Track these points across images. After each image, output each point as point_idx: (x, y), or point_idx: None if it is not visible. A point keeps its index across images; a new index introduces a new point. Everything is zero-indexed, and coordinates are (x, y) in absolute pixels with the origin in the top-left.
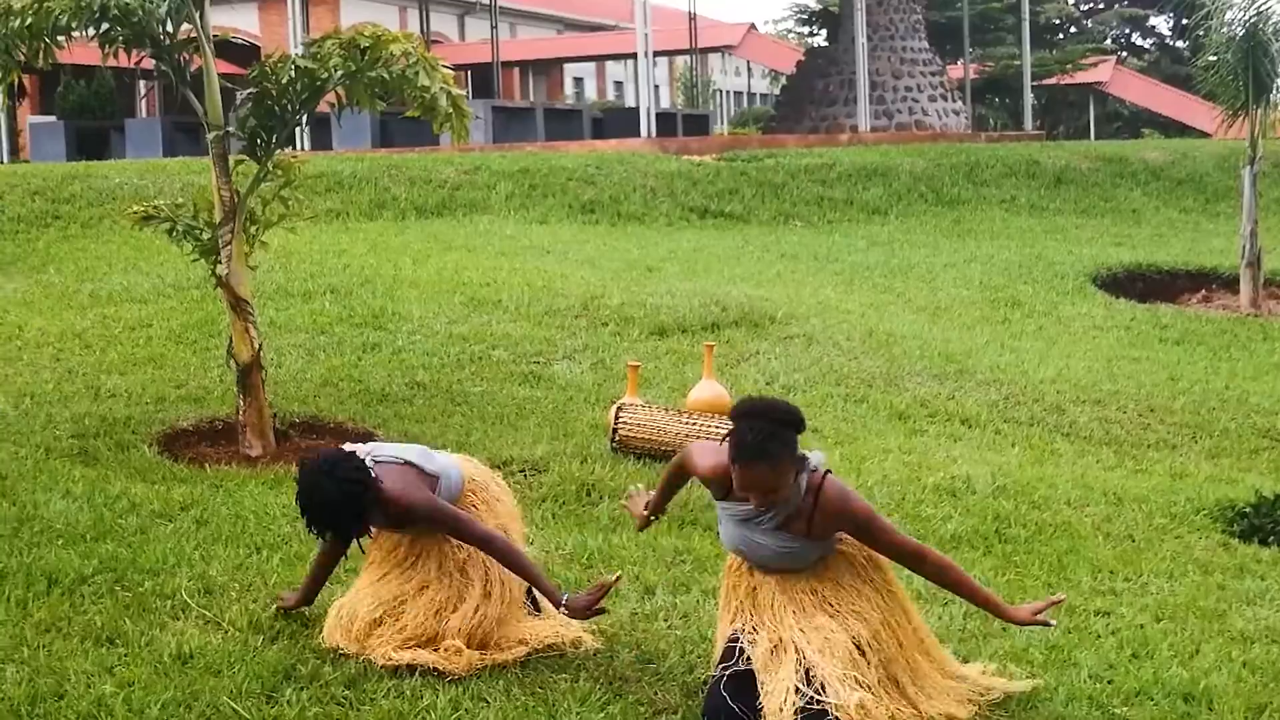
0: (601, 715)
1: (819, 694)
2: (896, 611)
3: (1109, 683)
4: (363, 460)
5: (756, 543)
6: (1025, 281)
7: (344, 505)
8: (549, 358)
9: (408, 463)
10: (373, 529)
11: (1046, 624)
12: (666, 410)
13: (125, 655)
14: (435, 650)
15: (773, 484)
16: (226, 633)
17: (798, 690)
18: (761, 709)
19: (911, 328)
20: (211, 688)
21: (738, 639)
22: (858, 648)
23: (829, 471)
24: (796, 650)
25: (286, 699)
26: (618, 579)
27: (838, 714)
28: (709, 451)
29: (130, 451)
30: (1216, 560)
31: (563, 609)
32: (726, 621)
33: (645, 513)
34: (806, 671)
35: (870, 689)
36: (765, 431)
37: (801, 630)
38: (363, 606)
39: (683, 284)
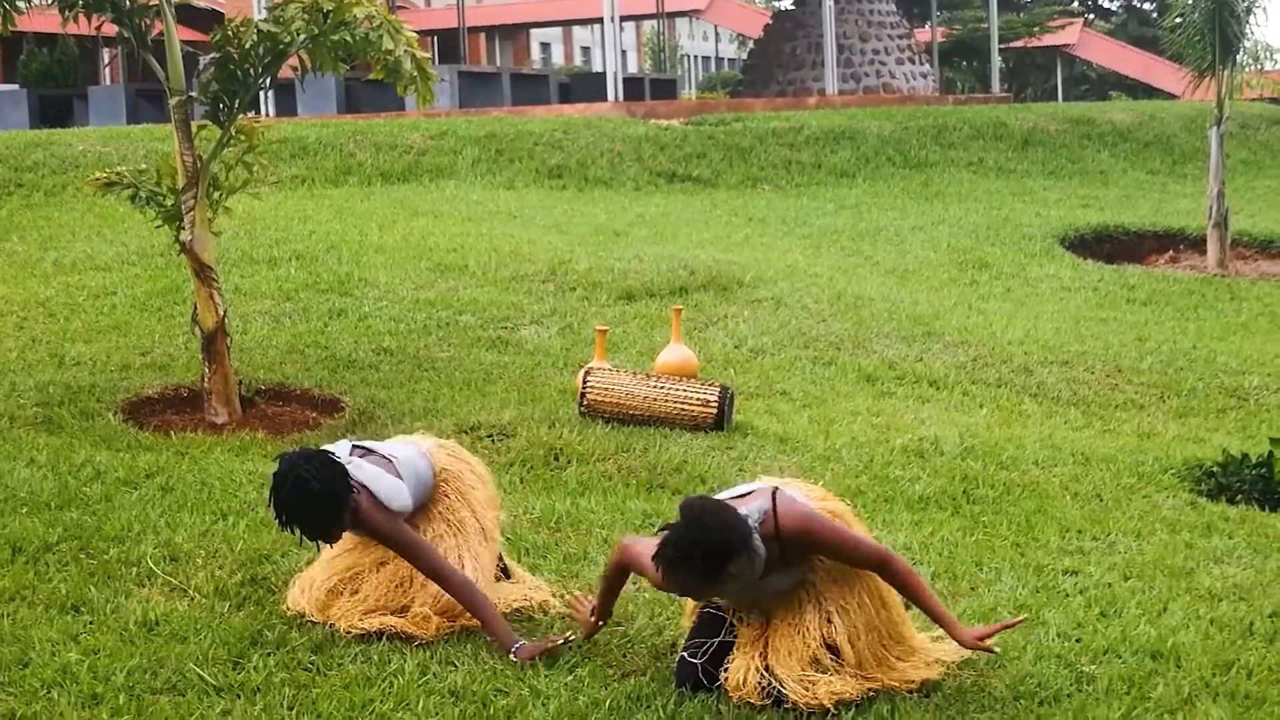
0: (570, 678)
1: (780, 686)
2: (878, 587)
3: (1077, 641)
4: (344, 468)
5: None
6: (993, 243)
7: (321, 516)
8: (516, 323)
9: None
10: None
11: (991, 650)
12: (634, 374)
13: (90, 623)
14: (403, 617)
15: (695, 595)
16: (192, 599)
17: (760, 679)
18: (722, 679)
19: (879, 290)
20: (177, 654)
21: (719, 607)
22: (832, 648)
23: (775, 498)
24: (765, 645)
25: (253, 665)
26: (565, 642)
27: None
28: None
29: (95, 419)
30: (1184, 519)
31: (512, 655)
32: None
33: (593, 620)
34: (767, 667)
35: (839, 675)
36: (698, 554)
37: (781, 623)
38: (320, 575)
39: (650, 248)
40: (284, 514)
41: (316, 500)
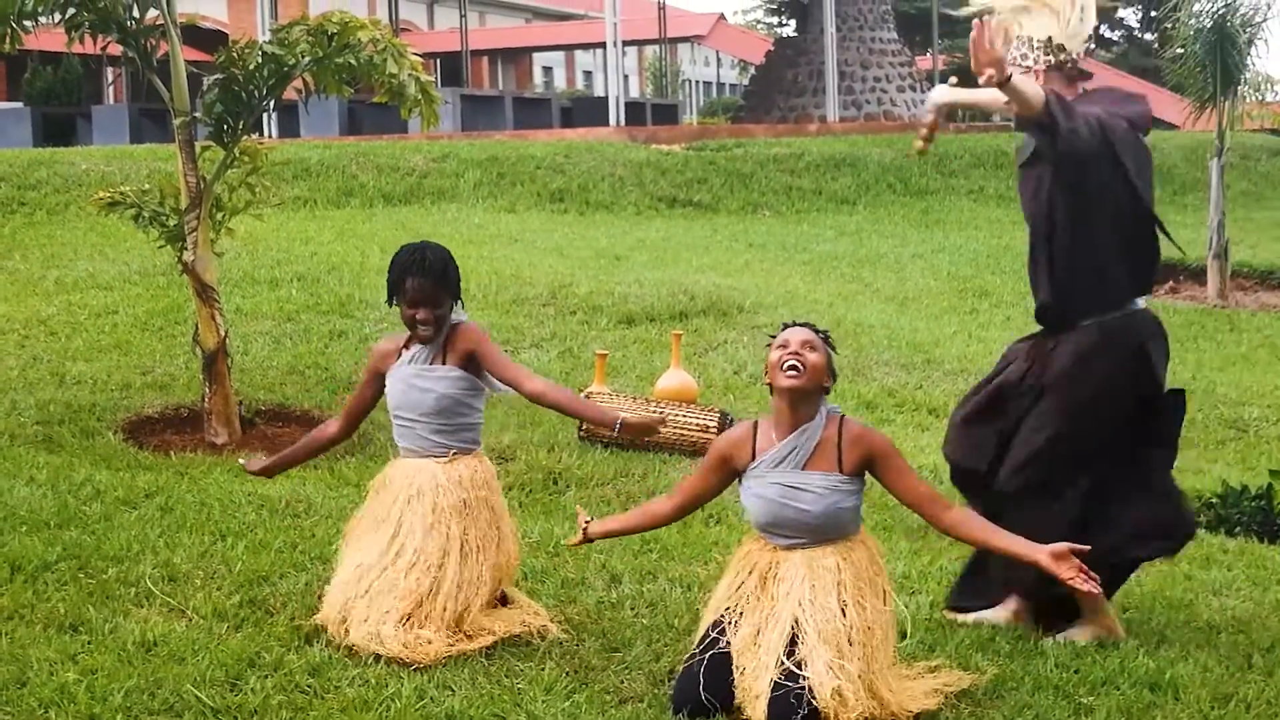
0: (567, 704)
1: (798, 669)
2: (886, 617)
3: (1076, 672)
4: None
5: (800, 492)
6: (993, 272)
7: (447, 267)
8: (517, 346)
9: None
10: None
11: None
12: (634, 399)
13: (88, 643)
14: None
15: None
16: (190, 620)
17: (779, 663)
18: (733, 697)
19: (879, 317)
20: (175, 675)
21: (721, 628)
22: (849, 641)
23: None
24: (795, 624)
25: (250, 687)
26: (661, 420)
27: (812, 697)
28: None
29: (95, 438)
30: (1183, 550)
31: (616, 431)
32: (722, 600)
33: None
34: (793, 641)
35: (850, 680)
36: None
37: (811, 607)
38: (402, 588)
39: (651, 273)
40: (417, 255)
41: (447, 258)
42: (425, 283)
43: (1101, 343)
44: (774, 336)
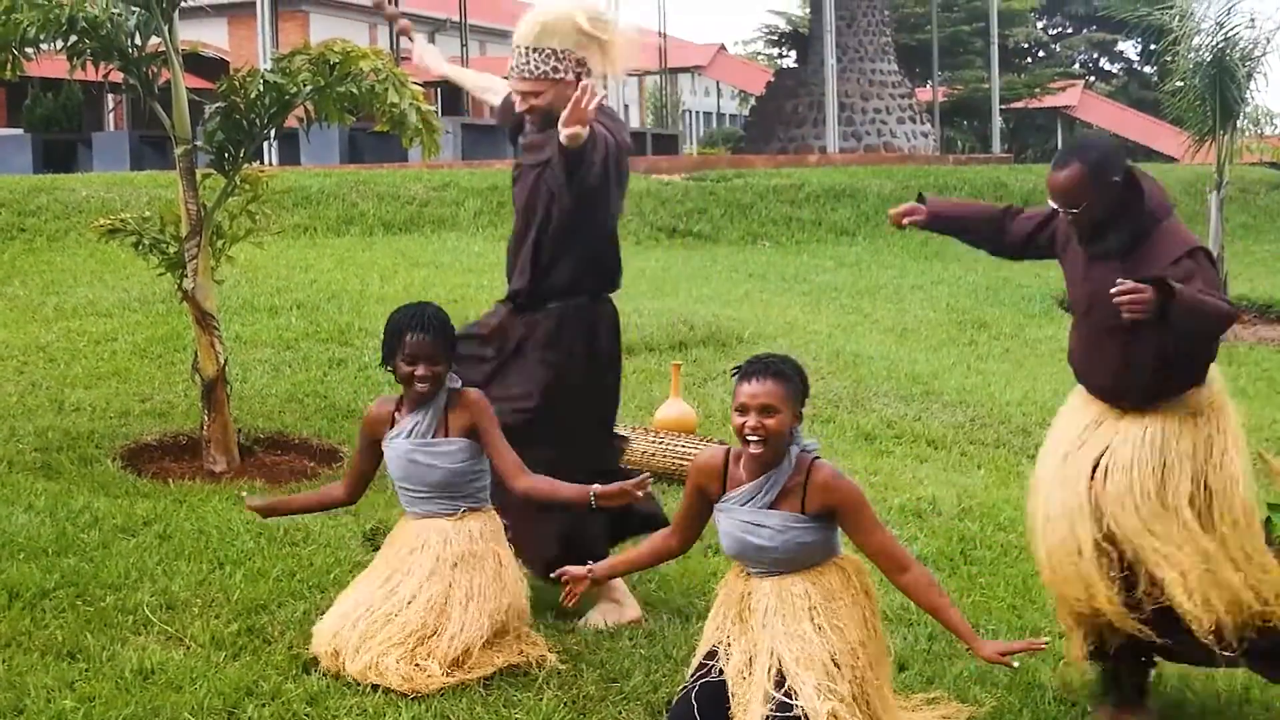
0: None
1: (788, 698)
2: (874, 641)
3: (1074, 705)
4: None
5: (759, 527)
6: (992, 304)
7: (448, 326)
8: None
9: None
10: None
11: (1009, 665)
12: (633, 429)
13: (86, 670)
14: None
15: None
16: (188, 648)
17: (769, 696)
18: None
19: (879, 349)
20: (173, 703)
21: (714, 655)
22: (833, 662)
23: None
24: (774, 656)
25: (248, 715)
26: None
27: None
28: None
29: (93, 465)
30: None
31: (592, 501)
32: (710, 633)
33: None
34: (780, 676)
35: (843, 701)
36: None
37: (786, 637)
38: (410, 625)
39: (650, 303)
40: (416, 312)
41: (446, 317)
42: (425, 338)
43: (561, 325)
44: (737, 370)
